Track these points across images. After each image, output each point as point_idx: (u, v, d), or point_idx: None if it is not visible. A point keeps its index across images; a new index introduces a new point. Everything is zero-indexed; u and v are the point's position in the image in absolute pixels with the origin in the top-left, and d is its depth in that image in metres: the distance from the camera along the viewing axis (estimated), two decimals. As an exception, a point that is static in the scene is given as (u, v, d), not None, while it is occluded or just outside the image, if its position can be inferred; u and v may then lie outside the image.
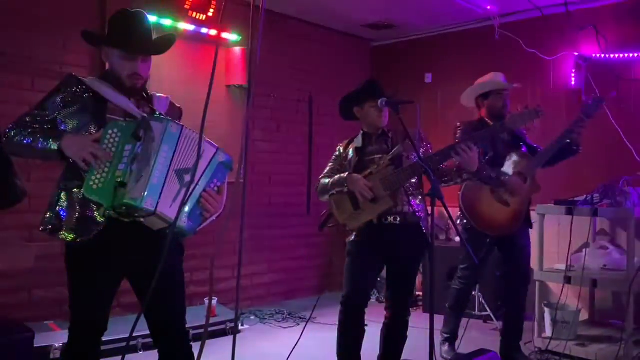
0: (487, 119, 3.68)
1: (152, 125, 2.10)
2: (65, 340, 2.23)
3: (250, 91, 1.51)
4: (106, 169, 2.04)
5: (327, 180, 3.12)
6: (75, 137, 2.09)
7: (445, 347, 3.80)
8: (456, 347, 3.84)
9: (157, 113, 2.28)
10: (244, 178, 1.70)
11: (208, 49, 4.77)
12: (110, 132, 2.07)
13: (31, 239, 3.90)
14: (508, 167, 3.56)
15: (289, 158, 5.55)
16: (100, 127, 2.11)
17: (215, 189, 2.21)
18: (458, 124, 3.72)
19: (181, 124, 2.20)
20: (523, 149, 3.67)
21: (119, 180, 2.03)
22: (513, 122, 3.04)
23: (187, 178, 2.09)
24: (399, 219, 2.97)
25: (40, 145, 2.07)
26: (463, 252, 3.86)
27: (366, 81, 3.12)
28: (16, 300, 3.85)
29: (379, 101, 2.95)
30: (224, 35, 4.84)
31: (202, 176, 2.13)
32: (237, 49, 4.95)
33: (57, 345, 3.39)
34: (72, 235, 2.11)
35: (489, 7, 5.04)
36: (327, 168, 3.24)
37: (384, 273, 3.20)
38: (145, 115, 2.20)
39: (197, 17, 4.52)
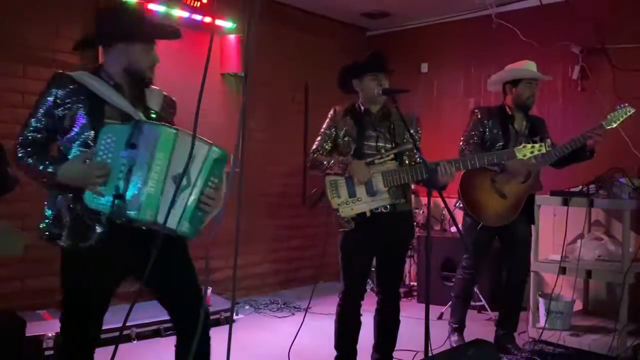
0: (508, 107, 3.64)
1: (146, 130, 2.05)
2: (58, 330, 2.22)
3: (247, 80, 1.48)
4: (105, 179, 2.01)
5: (323, 160, 2.97)
6: (73, 169, 2.01)
7: (455, 337, 3.81)
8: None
9: (152, 111, 2.22)
10: (240, 168, 1.67)
11: (202, 36, 4.71)
12: (105, 137, 2.01)
13: (23, 227, 3.86)
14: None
15: (284, 148, 5.52)
16: (97, 131, 2.04)
17: (213, 186, 2.13)
18: (476, 110, 3.68)
19: (176, 127, 2.13)
20: None
21: (117, 192, 2.00)
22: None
23: (184, 182, 2.05)
24: (389, 208, 2.94)
25: (42, 174, 2.04)
26: (463, 242, 3.85)
27: (370, 53, 3.04)
28: (8, 289, 3.82)
29: (376, 90, 2.92)
30: (219, 22, 4.79)
31: (197, 179, 2.08)
32: (232, 37, 4.89)
33: (49, 335, 3.36)
34: (69, 242, 2.08)
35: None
36: (318, 142, 3.08)
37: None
38: (140, 115, 2.13)
39: (192, 4, 4.47)
